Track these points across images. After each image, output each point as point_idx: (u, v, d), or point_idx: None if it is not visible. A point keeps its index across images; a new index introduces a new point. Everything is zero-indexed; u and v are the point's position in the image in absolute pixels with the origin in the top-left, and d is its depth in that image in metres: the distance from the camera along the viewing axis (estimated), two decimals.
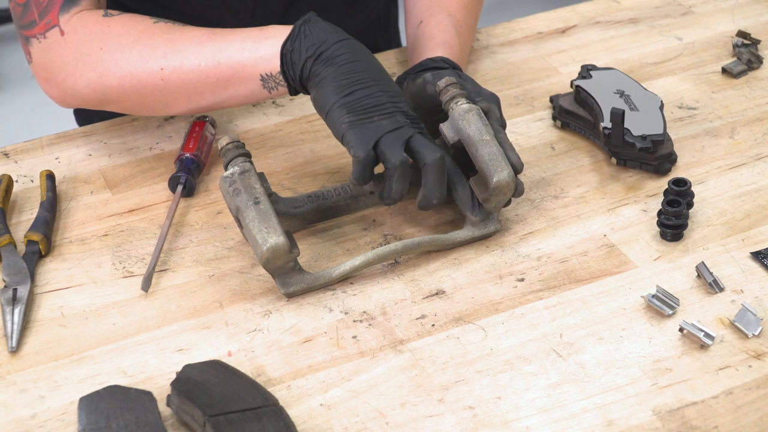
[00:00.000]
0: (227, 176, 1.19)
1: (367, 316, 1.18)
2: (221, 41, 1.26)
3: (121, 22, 1.30)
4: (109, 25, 1.30)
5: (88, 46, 1.30)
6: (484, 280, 1.22)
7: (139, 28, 1.29)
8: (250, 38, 1.25)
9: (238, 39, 1.26)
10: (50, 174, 1.34)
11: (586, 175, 1.36)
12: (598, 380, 1.09)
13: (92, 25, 1.30)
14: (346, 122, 1.19)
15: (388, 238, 1.28)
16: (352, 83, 1.20)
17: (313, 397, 1.09)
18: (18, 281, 1.21)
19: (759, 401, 1.07)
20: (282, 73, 1.24)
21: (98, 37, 1.30)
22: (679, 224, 1.25)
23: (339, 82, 1.20)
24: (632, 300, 1.18)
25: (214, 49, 1.26)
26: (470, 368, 1.11)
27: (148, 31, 1.29)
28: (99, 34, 1.30)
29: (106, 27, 1.30)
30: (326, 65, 1.21)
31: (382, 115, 1.20)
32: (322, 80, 1.21)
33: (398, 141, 1.19)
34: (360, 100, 1.20)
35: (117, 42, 1.29)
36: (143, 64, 1.28)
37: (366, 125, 1.19)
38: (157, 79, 1.28)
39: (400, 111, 1.21)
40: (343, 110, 1.20)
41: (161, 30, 1.29)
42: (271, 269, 1.18)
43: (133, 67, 1.28)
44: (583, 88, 1.41)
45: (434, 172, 1.19)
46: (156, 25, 1.29)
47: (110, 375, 1.12)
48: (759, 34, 1.62)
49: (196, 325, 1.17)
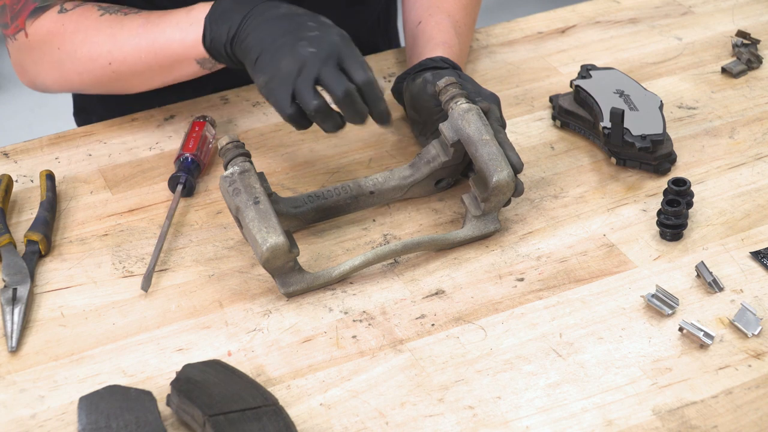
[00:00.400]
0: (227, 176, 1.19)
1: (367, 316, 1.18)
2: (154, 31, 1.35)
3: (73, 19, 1.39)
4: (63, 23, 1.39)
5: (48, 46, 1.40)
6: (484, 280, 1.22)
7: (87, 23, 1.38)
8: (178, 26, 1.34)
9: (168, 27, 1.34)
10: (50, 174, 1.34)
11: (586, 174, 1.36)
12: (598, 380, 1.09)
13: (49, 24, 1.39)
14: (261, 87, 1.25)
15: (388, 237, 1.28)
16: (257, 46, 1.26)
17: (312, 397, 1.09)
18: (18, 281, 1.21)
19: (758, 401, 1.07)
20: (213, 58, 1.34)
21: (55, 37, 1.39)
22: (679, 224, 1.25)
23: (250, 56, 1.26)
24: (632, 300, 1.18)
25: (149, 40, 1.35)
26: (470, 368, 1.11)
27: (94, 27, 1.38)
28: (55, 34, 1.39)
29: (60, 26, 1.39)
30: (241, 46, 1.28)
31: (287, 58, 1.23)
32: (245, 59, 1.28)
33: (307, 86, 1.21)
34: (267, 55, 1.25)
35: (71, 42, 1.39)
36: (94, 62, 1.39)
37: (276, 80, 1.23)
38: (110, 72, 1.39)
39: (302, 39, 1.24)
40: (257, 76, 1.26)
41: (106, 24, 1.37)
42: (270, 269, 1.18)
43: (87, 65, 1.39)
44: (583, 88, 1.41)
45: (346, 107, 1.22)
46: (101, 19, 1.38)
47: (110, 375, 1.12)
48: (759, 34, 1.62)
49: (195, 325, 1.17)
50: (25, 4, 1.40)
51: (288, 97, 1.22)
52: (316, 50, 1.23)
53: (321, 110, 1.21)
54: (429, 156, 1.30)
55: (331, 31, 1.25)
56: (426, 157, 1.30)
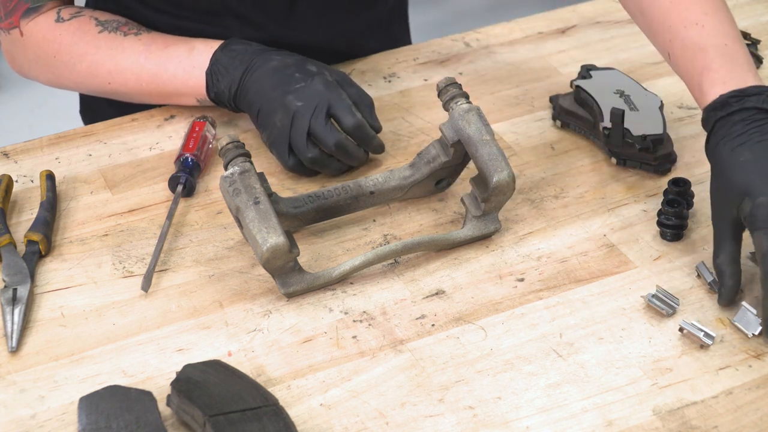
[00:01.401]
0: (227, 176, 1.19)
1: (367, 316, 1.18)
2: (156, 63, 1.40)
3: (70, 31, 1.42)
4: (60, 33, 1.43)
5: (44, 50, 1.44)
6: (484, 280, 1.22)
7: (86, 39, 1.42)
8: (181, 65, 1.40)
9: (170, 64, 1.40)
10: (50, 174, 1.34)
11: (586, 175, 1.36)
12: (598, 380, 1.09)
13: (45, 30, 1.43)
14: (264, 141, 1.36)
15: (388, 238, 1.28)
16: (256, 102, 1.35)
17: (313, 397, 1.09)
18: (18, 281, 1.21)
19: (759, 401, 1.07)
20: (218, 106, 1.43)
21: (51, 44, 1.43)
22: (679, 224, 1.25)
23: (252, 112, 1.36)
24: (632, 300, 1.18)
25: (151, 72, 1.41)
26: (470, 368, 1.11)
27: (93, 44, 1.42)
28: (51, 41, 1.43)
29: (57, 35, 1.43)
30: (243, 101, 1.37)
31: (279, 113, 1.32)
32: (249, 114, 1.38)
33: (301, 140, 1.32)
34: (264, 110, 1.34)
35: (68, 53, 1.43)
36: (92, 79, 1.43)
37: (273, 135, 1.33)
38: (108, 90, 1.44)
39: (289, 93, 1.32)
40: (260, 131, 1.36)
41: (105, 44, 1.41)
42: (271, 269, 1.18)
43: (86, 79, 1.44)
44: (583, 88, 1.41)
45: (341, 156, 1.33)
46: (100, 37, 1.42)
47: (110, 375, 1.12)
48: (759, 34, 1.62)
49: (196, 325, 1.17)
50: (18, 3, 1.42)
51: (286, 150, 1.33)
52: (303, 103, 1.31)
53: (317, 161, 1.33)
54: (429, 156, 1.30)
55: (316, 81, 1.33)
56: (426, 157, 1.30)
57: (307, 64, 1.36)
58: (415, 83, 1.54)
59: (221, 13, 1.49)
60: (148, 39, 1.41)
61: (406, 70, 1.57)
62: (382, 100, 1.49)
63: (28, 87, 3.45)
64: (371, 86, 1.53)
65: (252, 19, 1.49)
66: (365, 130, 1.33)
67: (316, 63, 1.37)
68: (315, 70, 1.35)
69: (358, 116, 1.32)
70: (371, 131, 1.34)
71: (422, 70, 1.57)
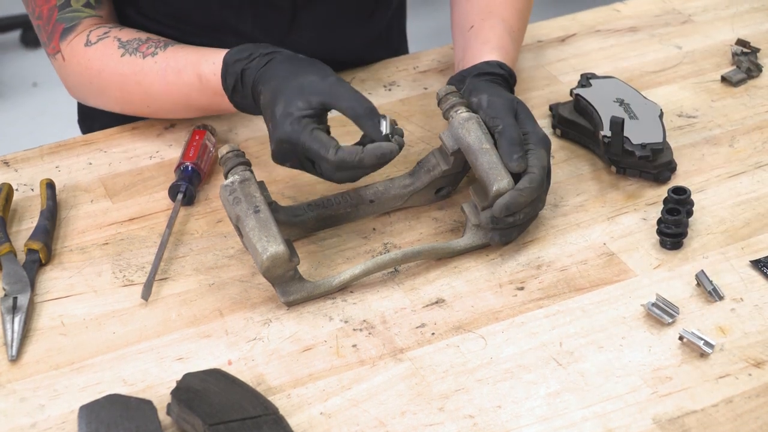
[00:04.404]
0: (227, 185, 1.20)
1: (367, 325, 1.18)
2: (181, 89, 1.37)
3: (96, 56, 1.41)
4: (89, 58, 1.41)
5: (81, 78, 1.44)
6: (484, 289, 1.22)
7: (110, 65, 1.40)
8: (204, 93, 1.34)
9: (193, 93, 1.36)
10: (50, 183, 1.35)
11: (586, 183, 1.36)
12: (598, 389, 1.09)
13: (78, 57, 1.42)
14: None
15: (388, 246, 1.28)
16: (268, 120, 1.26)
17: (313, 406, 1.09)
18: (18, 290, 1.21)
19: (759, 409, 1.07)
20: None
21: (85, 71, 1.42)
22: (679, 233, 1.25)
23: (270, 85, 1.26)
24: (632, 308, 1.18)
25: (179, 99, 1.38)
26: (470, 377, 1.11)
27: (118, 70, 1.39)
28: (85, 68, 1.42)
29: (87, 60, 1.42)
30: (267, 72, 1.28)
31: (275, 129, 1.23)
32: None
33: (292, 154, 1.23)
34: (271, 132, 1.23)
35: (99, 79, 1.41)
36: (131, 105, 1.43)
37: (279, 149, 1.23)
38: (151, 111, 1.44)
39: (270, 135, 1.23)
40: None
41: (129, 69, 1.39)
42: (271, 278, 1.18)
43: (126, 105, 1.44)
44: (583, 97, 1.41)
45: (343, 167, 1.20)
46: (123, 61, 1.39)
47: (110, 384, 1.12)
48: (758, 43, 1.62)
49: (196, 334, 1.17)
50: (55, 25, 1.42)
51: (286, 161, 1.24)
52: (273, 149, 1.23)
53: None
54: (429, 165, 1.30)
55: (282, 123, 1.21)
56: (426, 166, 1.30)
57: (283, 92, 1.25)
58: (415, 92, 1.55)
59: (222, 29, 1.49)
60: (163, 60, 1.37)
61: (406, 78, 1.57)
62: (382, 108, 1.49)
63: (28, 95, 3.45)
64: (371, 94, 1.53)
65: (252, 36, 1.49)
66: (345, 165, 1.20)
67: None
68: (280, 112, 1.22)
69: (331, 158, 1.19)
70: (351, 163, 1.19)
71: (422, 79, 1.57)
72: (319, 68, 1.25)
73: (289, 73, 1.24)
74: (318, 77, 1.23)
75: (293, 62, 1.26)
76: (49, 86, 3.44)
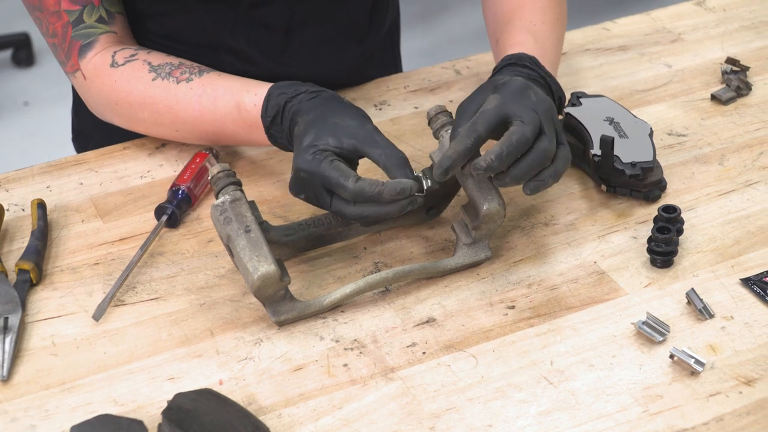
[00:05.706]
0: (218, 204, 1.20)
1: (358, 344, 1.18)
2: (216, 119, 1.36)
3: (124, 77, 1.40)
4: (116, 80, 1.40)
5: (106, 98, 1.42)
6: (475, 308, 1.22)
7: (140, 88, 1.39)
8: (239, 125, 1.34)
9: (230, 124, 1.35)
10: (41, 203, 1.35)
11: (576, 202, 1.37)
12: (589, 407, 1.09)
13: (103, 76, 1.41)
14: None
15: (379, 265, 1.28)
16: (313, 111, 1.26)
17: (304, 426, 1.09)
18: (9, 310, 1.21)
19: (749, 427, 1.07)
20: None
21: (110, 92, 1.41)
22: (669, 251, 1.25)
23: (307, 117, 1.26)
24: (622, 327, 1.18)
25: (213, 129, 1.37)
26: (461, 396, 1.11)
27: (149, 94, 1.38)
28: (110, 89, 1.41)
29: (113, 81, 1.40)
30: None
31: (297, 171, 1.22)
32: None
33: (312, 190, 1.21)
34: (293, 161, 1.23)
35: (126, 102, 1.40)
36: (159, 128, 1.42)
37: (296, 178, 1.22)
38: (178, 136, 1.43)
39: (315, 154, 1.21)
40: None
41: (161, 93, 1.38)
42: (262, 297, 1.18)
43: (152, 127, 1.43)
44: (573, 116, 1.41)
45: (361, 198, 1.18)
46: (155, 85, 1.38)
47: (101, 404, 1.12)
48: (748, 61, 1.63)
49: (187, 354, 1.17)
50: (72, 42, 1.41)
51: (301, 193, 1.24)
52: (291, 177, 1.23)
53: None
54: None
55: (305, 153, 1.21)
56: None
57: (303, 138, 1.24)
58: (406, 111, 1.55)
59: (218, 48, 1.50)
60: (198, 86, 1.36)
61: (396, 97, 1.58)
62: None
63: (21, 114, 3.45)
64: None
65: (247, 56, 1.50)
66: (364, 196, 1.18)
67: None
68: (296, 159, 1.23)
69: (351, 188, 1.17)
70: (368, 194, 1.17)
71: (413, 98, 1.58)
72: (360, 115, 1.25)
73: (329, 111, 1.24)
74: (357, 123, 1.23)
75: (337, 103, 1.26)
76: (40, 106, 3.45)
